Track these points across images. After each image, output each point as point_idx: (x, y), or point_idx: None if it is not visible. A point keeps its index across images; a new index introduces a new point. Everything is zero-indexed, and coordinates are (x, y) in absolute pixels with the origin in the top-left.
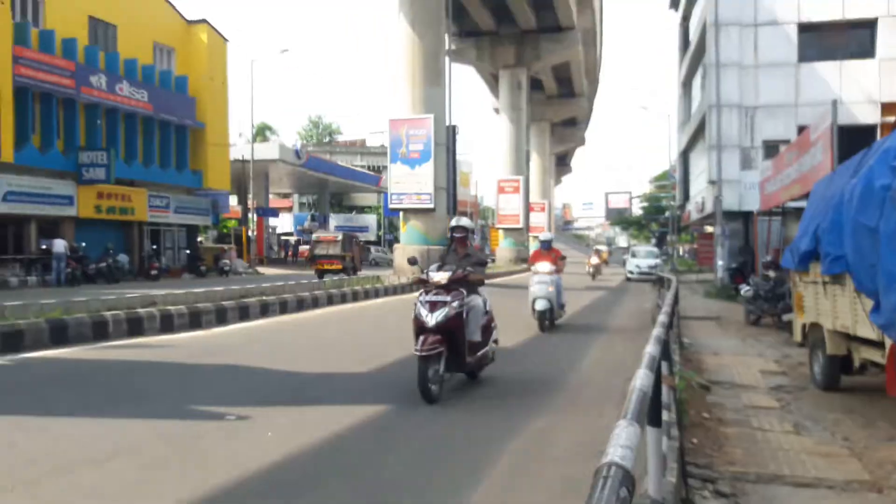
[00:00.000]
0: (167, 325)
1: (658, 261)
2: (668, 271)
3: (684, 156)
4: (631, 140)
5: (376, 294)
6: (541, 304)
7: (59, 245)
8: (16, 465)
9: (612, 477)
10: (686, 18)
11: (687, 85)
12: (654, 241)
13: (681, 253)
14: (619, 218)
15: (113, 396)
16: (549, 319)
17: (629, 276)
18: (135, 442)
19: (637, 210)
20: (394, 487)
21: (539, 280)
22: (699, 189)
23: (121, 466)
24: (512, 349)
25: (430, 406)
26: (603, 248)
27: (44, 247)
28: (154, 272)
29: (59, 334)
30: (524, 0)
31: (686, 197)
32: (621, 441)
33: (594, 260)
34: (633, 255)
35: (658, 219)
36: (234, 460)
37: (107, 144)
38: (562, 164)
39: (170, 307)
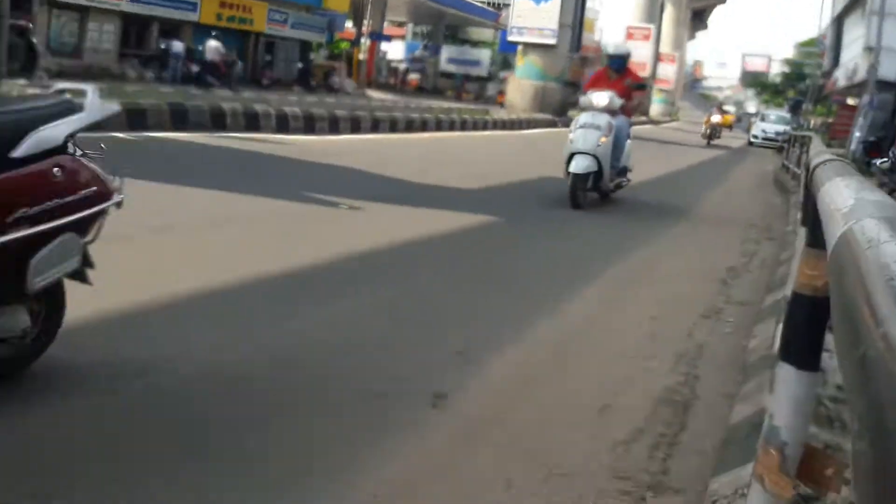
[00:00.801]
0: (283, 125)
1: (787, 127)
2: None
3: (838, 21)
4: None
5: (484, 126)
6: (579, 164)
7: (178, 46)
8: (145, 219)
9: None
10: None
11: None
12: (786, 108)
13: (812, 125)
14: (753, 80)
15: (232, 176)
16: (591, 188)
17: (752, 140)
18: (252, 213)
19: (775, 77)
20: (499, 280)
21: (587, 121)
22: (852, 56)
23: (237, 230)
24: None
25: (529, 226)
26: (729, 107)
27: (163, 46)
28: (266, 81)
29: (180, 118)
30: None
31: (835, 63)
32: None
33: (715, 118)
34: (763, 119)
35: (797, 86)
36: (343, 239)
37: None
38: (698, 19)
39: (285, 108)
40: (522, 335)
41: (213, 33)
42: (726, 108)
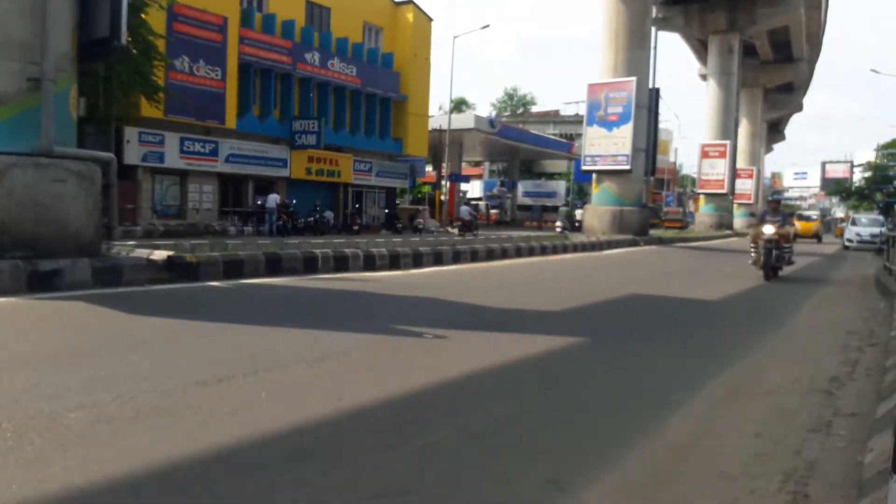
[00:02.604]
0: (370, 264)
1: (883, 229)
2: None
3: None
4: (856, 106)
5: (564, 250)
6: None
7: (272, 200)
8: (237, 360)
9: None
10: None
11: None
12: (877, 211)
13: None
14: (836, 188)
15: (321, 315)
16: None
17: (847, 244)
18: (342, 349)
19: (858, 181)
20: (590, 403)
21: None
22: None
23: (330, 366)
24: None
25: (621, 344)
26: (812, 213)
27: (259, 202)
28: (356, 227)
29: (274, 266)
30: None
31: None
32: None
33: (768, 229)
34: (854, 223)
35: (883, 188)
36: (432, 369)
37: (318, 114)
38: (774, 131)
39: (372, 249)
40: (617, 459)
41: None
42: (804, 213)
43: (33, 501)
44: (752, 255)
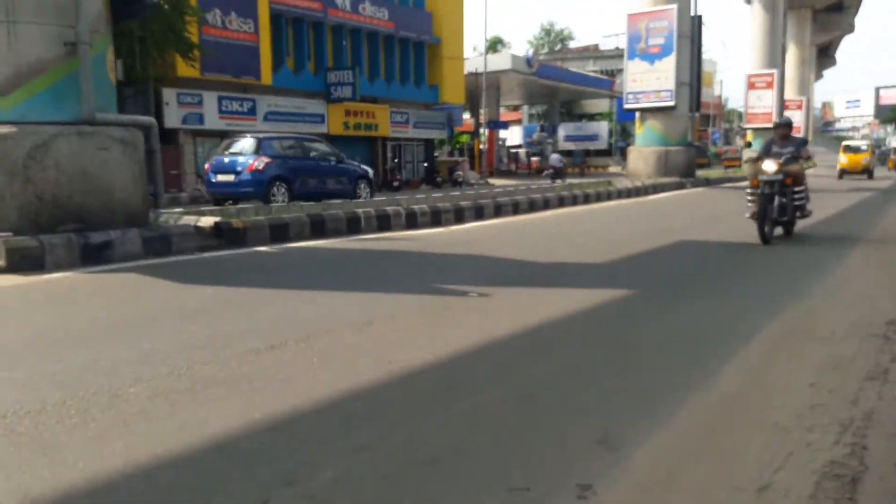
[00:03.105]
0: (411, 222)
1: None
2: None
3: None
4: None
5: (608, 197)
6: (769, 167)
7: None
8: (288, 326)
9: None
10: None
11: None
12: None
13: None
14: (892, 115)
15: (367, 276)
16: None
17: None
18: (388, 311)
19: None
20: (636, 357)
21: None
22: None
23: (378, 329)
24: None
25: (669, 293)
26: (861, 143)
27: None
28: (396, 184)
29: (318, 228)
30: None
31: None
32: None
33: (768, 166)
34: None
35: None
36: (479, 327)
37: (352, 63)
38: (824, 55)
39: (413, 206)
40: (669, 415)
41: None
42: (853, 142)
43: (100, 479)
44: (749, 203)
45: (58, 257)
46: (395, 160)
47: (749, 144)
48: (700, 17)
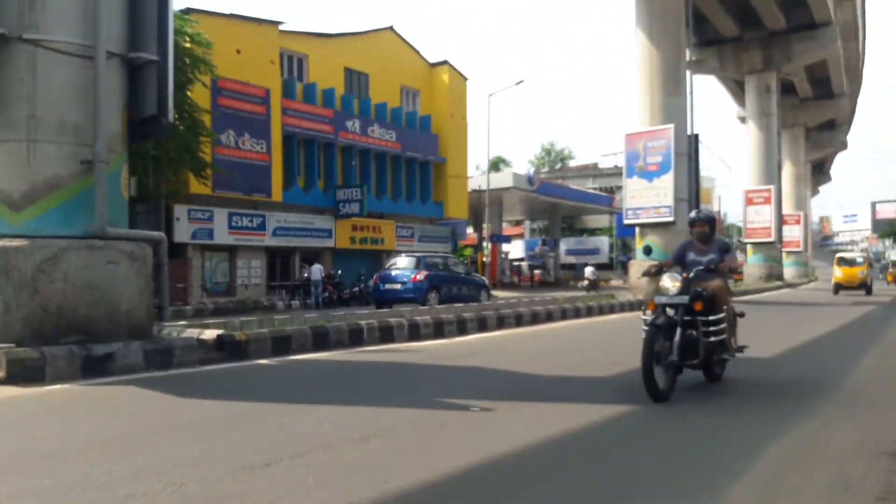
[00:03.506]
0: (414, 333)
1: None
2: None
3: None
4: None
5: (611, 310)
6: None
7: (316, 272)
8: (284, 442)
9: None
10: None
11: None
12: None
13: None
14: (889, 229)
15: (367, 390)
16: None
17: None
18: (388, 426)
19: None
20: (643, 478)
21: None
22: None
23: (376, 446)
24: None
25: (672, 408)
26: (857, 255)
27: (305, 275)
28: None
29: (321, 340)
30: (772, 1)
31: None
32: None
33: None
34: None
35: None
36: (479, 445)
37: (360, 181)
38: (819, 172)
39: (416, 318)
40: None
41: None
42: (848, 254)
43: None
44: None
45: (58, 369)
46: None
47: (648, 250)
48: (697, 135)
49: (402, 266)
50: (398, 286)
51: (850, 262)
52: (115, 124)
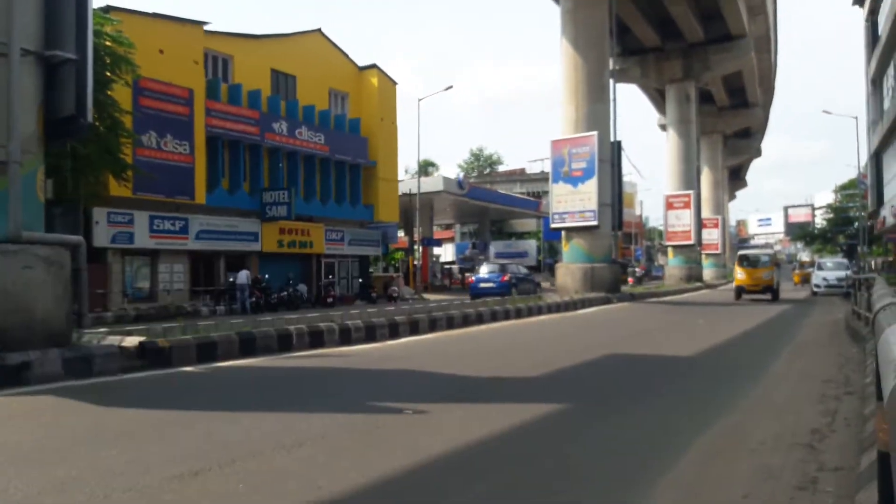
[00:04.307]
0: (345, 338)
1: (848, 272)
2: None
3: (876, 158)
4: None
5: (539, 311)
6: None
7: (243, 276)
8: (213, 450)
9: None
10: (874, 12)
11: (877, 82)
12: (841, 254)
13: (873, 266)
14: (800, 232)
15: (297, 396)
16: None
17: (815, 290)
18: (319, 432)
19: (821, 223)
20: (574, 474)
21: None
22: None
23: (308, 452)
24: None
25: (603, 407)
26: (762, 252)
27: (231, 280)
28: (330, 300)
29: (248, 346)
30: (691, 13)
31: (880, 202)
32: None
33: (739, 275)
34: (820, 268)
35: (845, 230)
36: (414, 447)
37: (288, 184)
38: (736, 178)
39: (347, 322)
40: None
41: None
42: (750, 252)
43: None
44: None
45: None
46: (330, 276)
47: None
48: (619, 142)
49: (490, 270)
50: (492, 284)
51: (753, 262)
52: (30, 124)
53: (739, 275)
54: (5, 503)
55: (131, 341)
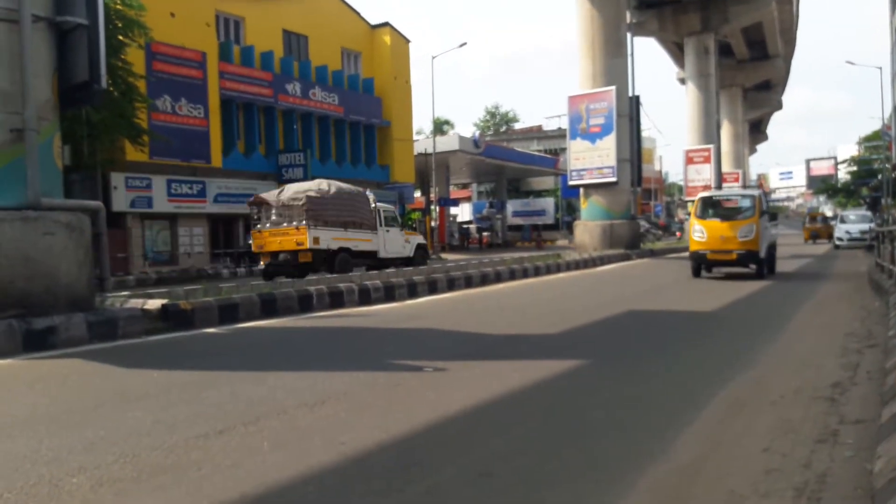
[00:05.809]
0: (365, 298)
1: (872, 225)
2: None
3: None
4: (835, 100)
5: (557, 269)
6: None
7: None
8: (237, 409)
9: None
10: None
11: None
12: (864, 207)
13: None
14: (823, 186)
15: (319, 355)
16: None
17: (838, 243)
18: (341, 389)
19: (844, 176)
20: (594, 429)
21: None
22: None
23: (330, 409)
24: None
25: (623, 363)
26: (737, 195)
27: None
28: None
29: (269, 307)
30: None
31: None
32: None
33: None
34: (843, 221)
35: (869, 183)
36: (434, 404)
37: (303, 146)
38: (756, 131)
39: (367, 282)
40: (626, 487)
41: None
42: (718, 193)
43: None
44: None
45: None
46: None
47: None
48: (638, 97)
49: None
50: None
51: (724, 214)
52: (45, 91)
53: (698, 233)
54: (36, 463)
55: (154, 304)
